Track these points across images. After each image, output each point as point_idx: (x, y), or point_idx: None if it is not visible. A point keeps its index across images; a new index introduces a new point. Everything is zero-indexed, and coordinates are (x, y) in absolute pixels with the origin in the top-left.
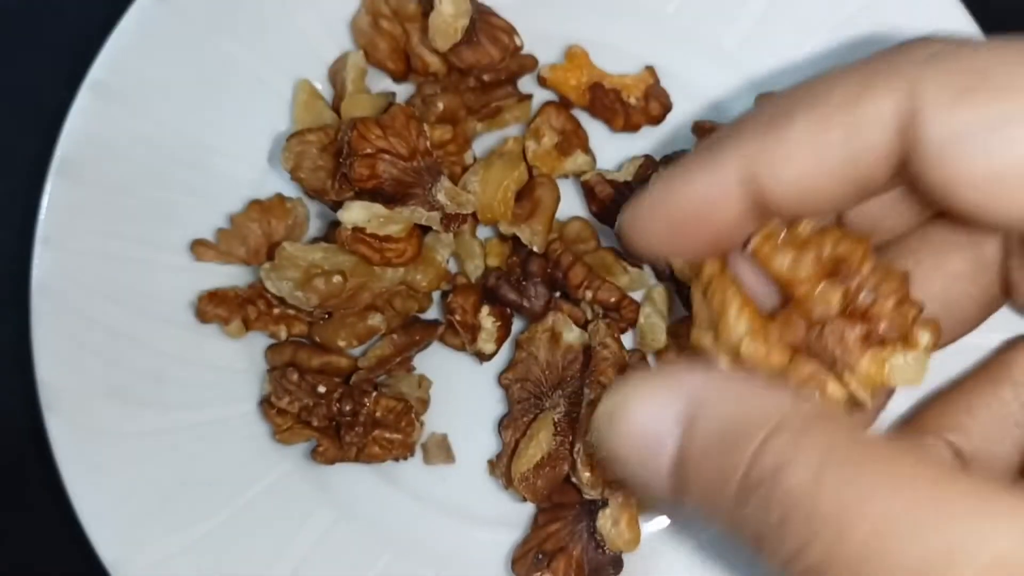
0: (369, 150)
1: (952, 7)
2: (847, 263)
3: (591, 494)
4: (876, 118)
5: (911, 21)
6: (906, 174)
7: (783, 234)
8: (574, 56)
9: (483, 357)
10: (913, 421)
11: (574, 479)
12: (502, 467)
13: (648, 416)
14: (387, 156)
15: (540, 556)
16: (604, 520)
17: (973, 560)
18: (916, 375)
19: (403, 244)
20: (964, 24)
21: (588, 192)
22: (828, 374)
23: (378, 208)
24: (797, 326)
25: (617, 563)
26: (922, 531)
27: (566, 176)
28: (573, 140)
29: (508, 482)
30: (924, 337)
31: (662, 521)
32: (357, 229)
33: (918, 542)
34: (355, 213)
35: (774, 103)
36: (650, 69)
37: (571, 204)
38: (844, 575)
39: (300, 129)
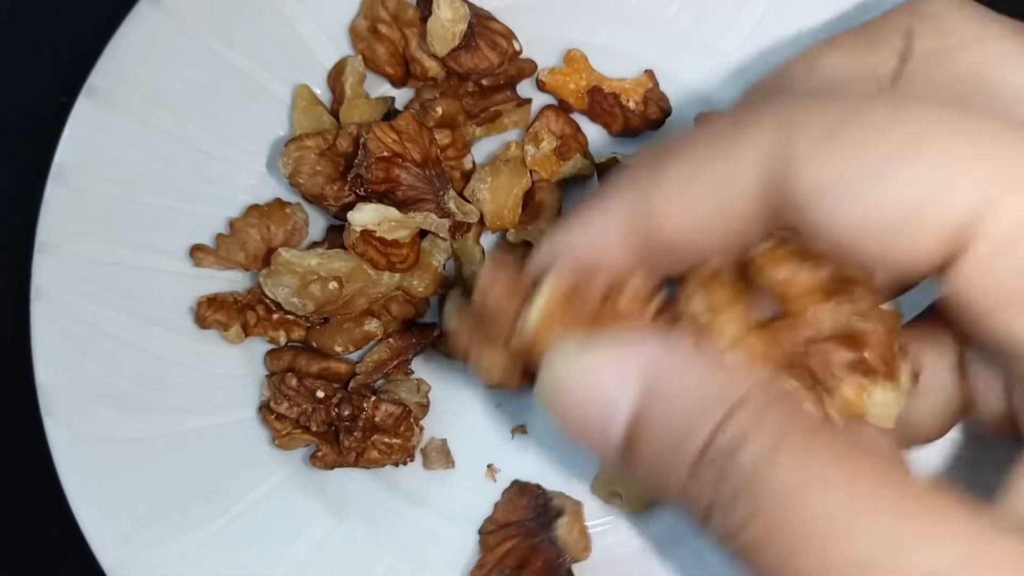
0: (386, 153)
1: None
2: (849, 288)
3: None
4: (741, 168)
5: None
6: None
7: (789, 246)
8: (573, 60)
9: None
10: None
11: None
12: None
13: (603, 378)
14: (402, 160)
15: (508, 573)
16: (563, 529)
17: (904, 569)
18: (890, 412)
19: (406, 249)
20: None
21: None
22: (806, 393)
23: (392, 212)
24: (784, 340)
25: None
26: (860, 529)
27: (565, 180)
28: (572, 144)
29: None
30: (905, 375)
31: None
32: (366, 232)
33: (854, 539)
34: (367, 215)
35: (658, 150)
36: (649, 73)
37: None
38: (778, 556)
39: (299, 134)
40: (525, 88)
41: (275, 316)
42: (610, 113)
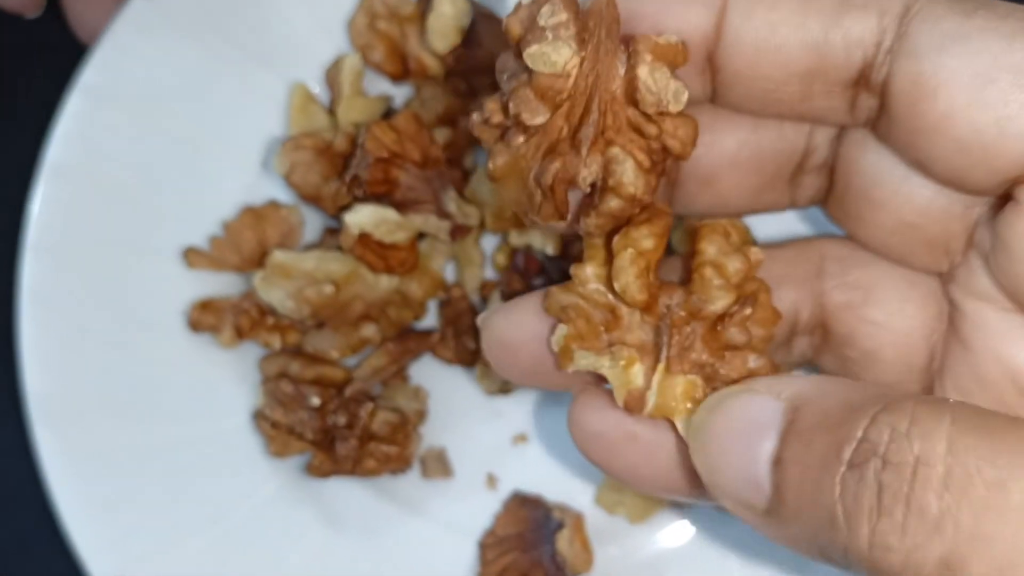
0: (384, 154)
1: None
2: (754, 291)
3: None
4: (875, 11)
5: None
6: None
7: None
8: None
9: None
10: None
11: None
12: None
13: (751, 408)
14: (401, 161)
15: None
16: (563, 542)
17: None
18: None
19: (405, 252)
20: None
21: None
22: (646, 359)
23: (390, 213)
24: (671, 300)
25: None
26: None
27: None
28: None
29: None
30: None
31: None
32: (364, 234)
33: None
34: (364, 216)
35: None
36: None
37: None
38: (998, 551)
39: (295, 134)
40: None
41: (270, 320)
42: None
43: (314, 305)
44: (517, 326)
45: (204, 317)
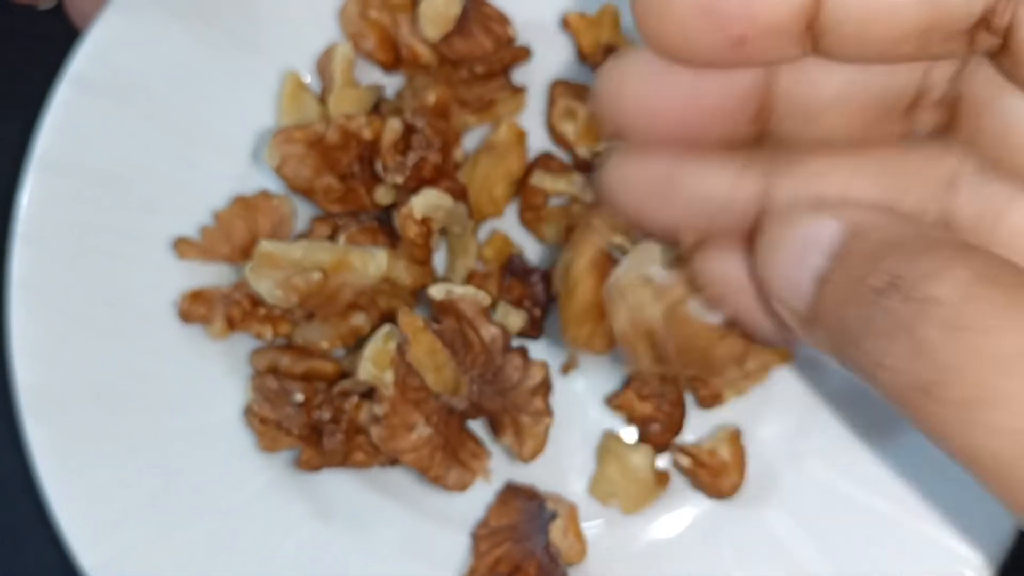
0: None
1: None
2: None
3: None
4: None
5: None
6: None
7: None
8: (605, 14)
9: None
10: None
11: None
12: None
13: (813, 227)
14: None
15: None
16: (557, 533)
17: None
18: None
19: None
20: None
21: None
22: None
23: (446, 199)
24: None
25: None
26: None
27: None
28: None
29: None
30: None
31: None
32: (425, 219)
33: None
34: (429, 200)
35: None
36: None
37: None
38: (970, 380)
39: (287, 126)
40: (520, 75)
41: (261, 311)
42: None
43: (302, 293)
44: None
45: (195, 308)
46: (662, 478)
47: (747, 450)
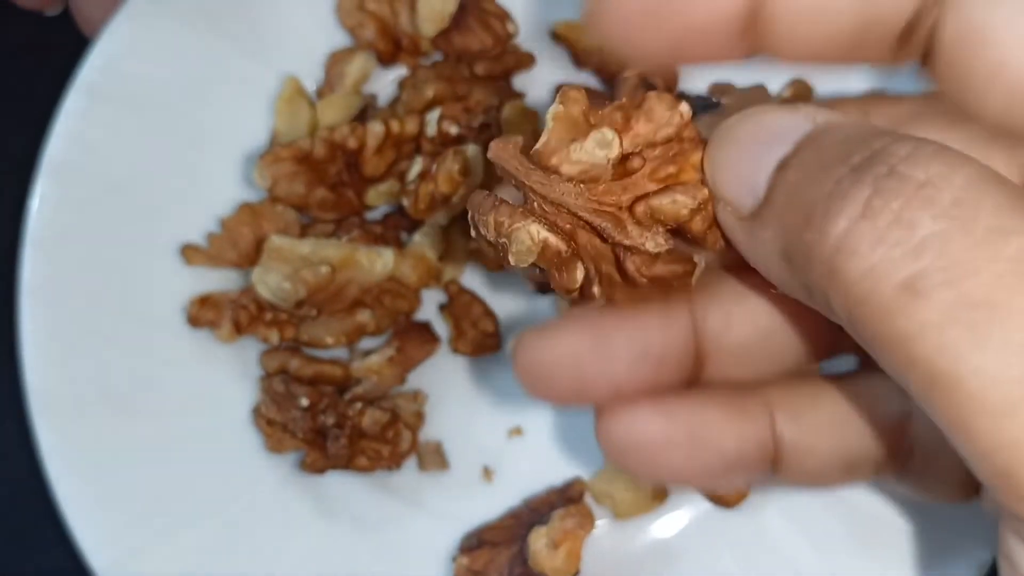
0: None
1: None
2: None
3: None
4: None
5: None
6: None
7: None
8: None
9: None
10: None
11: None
12: None
13: (778, 120)
14: None
15: None
16: (538, 537)
17: None
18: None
19: None
20: None
21: None
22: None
23: (479, 161)
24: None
25: None
26: None
27: None
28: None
29: None
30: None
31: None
32: (464, 168)
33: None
34: (476, 153)
35: None
36: None
37: None
38: (985, 279)
39: (272, 148)
40: (521, 82)
41: (268, 315)
42: (614, 78)
43: (310, 286)
44: (553, 347)
45: (203, 312)
46: (661, 493)
47: None
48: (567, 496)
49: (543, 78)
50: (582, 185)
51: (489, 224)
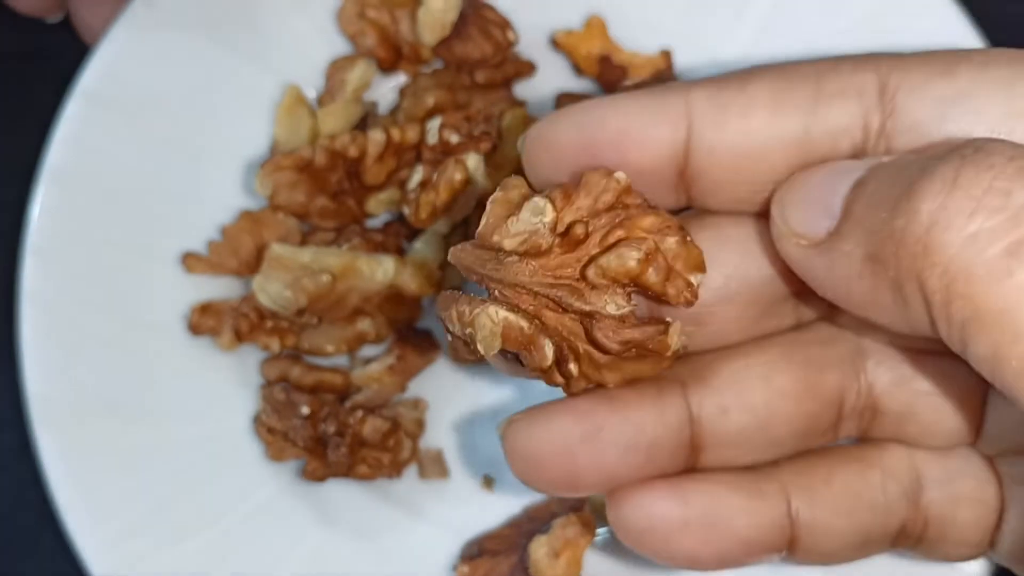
0: None
1: (954, 17)
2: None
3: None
4: (852, 84)
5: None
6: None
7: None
8: (592, 26)
9: None
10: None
11: None
12: None
13: (838, 164)
14: None
15: None
16: (539, 546)
17: None
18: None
19: None
20: (965, 33)
21: None
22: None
23: (482, 171)
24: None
25: None
26: None
27: None
28: None
29: None
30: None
31: None
32: (465, 176)
33: None
34: (478, 162)
35: (728, 73)
36: (665, 54)
37: None
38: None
39: (273, 156)
40: (522, 90)
41: (268, 323)
42: (615, 85)
43: (311, 295)
44: (543, 435)
45: (204, 320)
46: None
47: None
48: (568, 505)
49: (544, 86)
50: (534, 263)
51: (453, 317)
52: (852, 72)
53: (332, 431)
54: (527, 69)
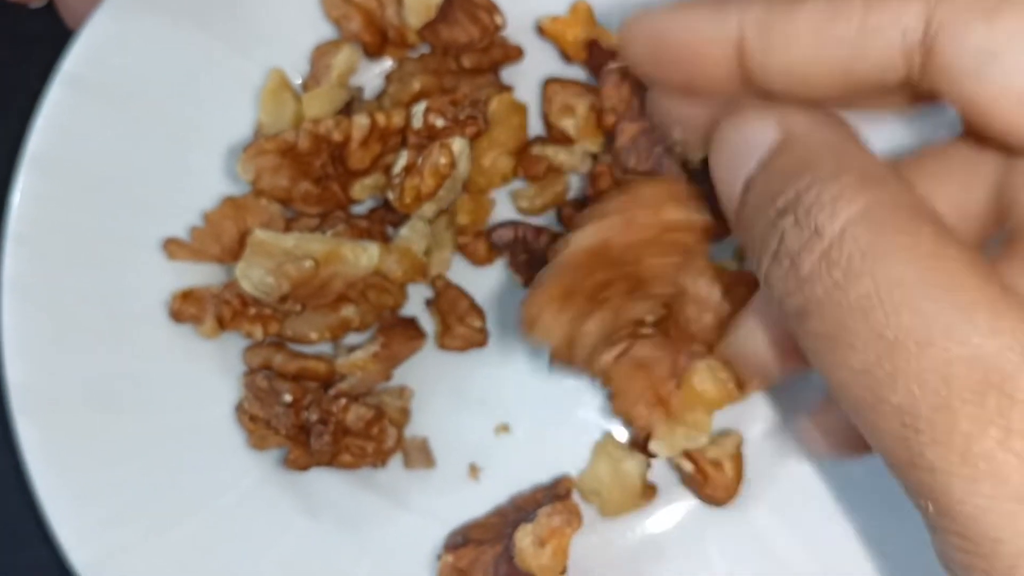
0: None
1: None
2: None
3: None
4: (898, 20)
5: None
6: (917, 85)
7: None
8: (577, 11)
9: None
10: None
11: None
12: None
13: (752, 130)
14: None
15: None
16: (524, 535)
17: (952, 351)
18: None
19: None
20: None
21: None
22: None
23: (466, 155)
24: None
25: None
26: (916, 308)
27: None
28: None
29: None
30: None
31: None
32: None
33: (906, 316)
34: (464, 145)
35: None
36: None
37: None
38: (829, 317)
39: (256, 140)
40: (509, 75)
41: (251, 310)
42: (601, 70)
43: (293, 281)
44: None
45: (185, 307)
46: (649, 491)
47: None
48: (554, 494)
49: (531, 71)
50: None
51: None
52: (900, 3)
53: (315, 419)
54: (515, 54)
